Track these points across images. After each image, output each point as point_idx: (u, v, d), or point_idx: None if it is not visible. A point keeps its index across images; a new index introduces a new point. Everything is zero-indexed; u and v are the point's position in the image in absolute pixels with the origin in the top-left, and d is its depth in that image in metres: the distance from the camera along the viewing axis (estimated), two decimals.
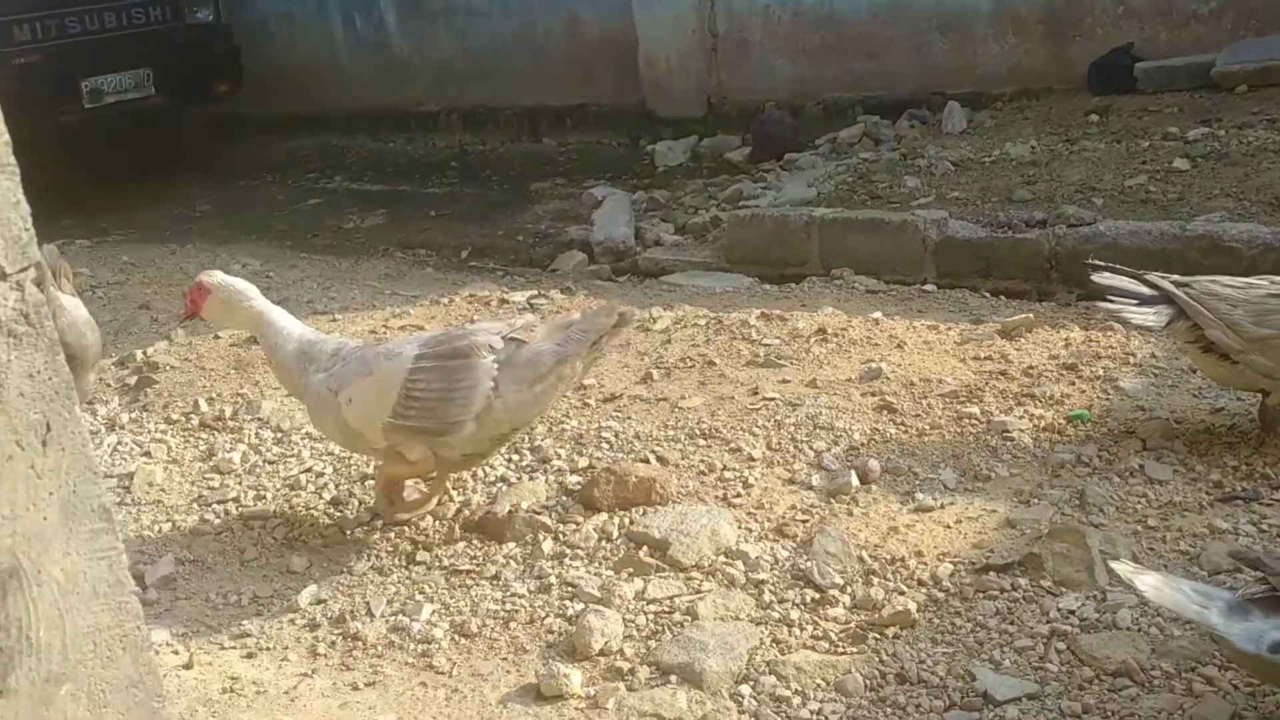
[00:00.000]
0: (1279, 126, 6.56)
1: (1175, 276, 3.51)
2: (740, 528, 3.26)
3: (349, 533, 3.47)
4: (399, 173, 10.17)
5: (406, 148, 11.03)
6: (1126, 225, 5.52)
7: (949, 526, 3.18)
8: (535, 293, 5.73)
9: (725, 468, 3.60)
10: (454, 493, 3.60)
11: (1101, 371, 4.02)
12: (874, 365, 4.20)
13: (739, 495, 3.44)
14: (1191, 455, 3.42)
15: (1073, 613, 2.76)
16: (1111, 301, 3.48)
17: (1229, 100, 7.16)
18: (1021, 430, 3.65)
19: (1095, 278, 3.56)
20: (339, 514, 3.60)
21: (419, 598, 3.11)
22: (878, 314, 4.84)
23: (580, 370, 3.29)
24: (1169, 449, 3.46)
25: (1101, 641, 2.64)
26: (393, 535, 3.43)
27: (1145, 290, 3.47)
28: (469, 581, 3.17)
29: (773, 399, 4.04)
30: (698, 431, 3.86)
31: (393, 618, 3.04)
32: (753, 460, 3.64)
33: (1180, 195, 5.85)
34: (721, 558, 3.12)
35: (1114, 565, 2.31)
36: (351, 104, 11.29)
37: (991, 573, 2.94)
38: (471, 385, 3.15)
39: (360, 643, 2.96)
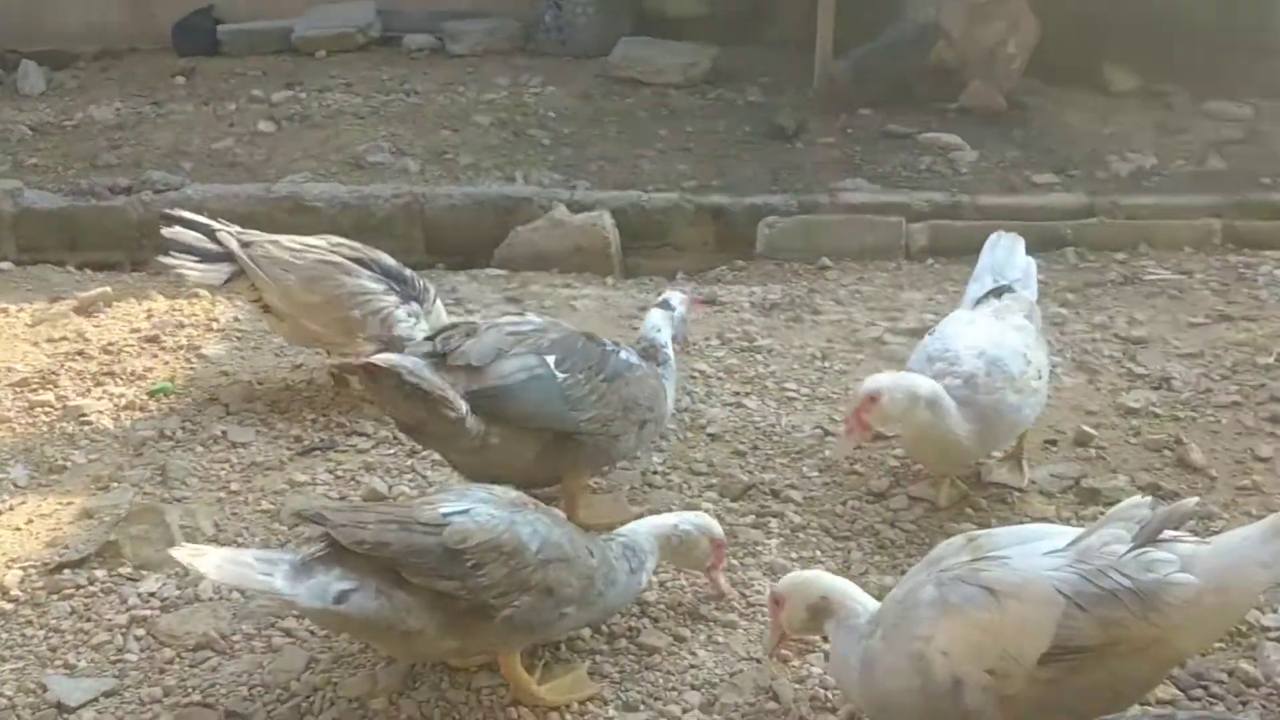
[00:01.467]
0: (355, 90, 7.03)
1: (249, 234, 3.53)
2: None
3: None
4: None
5: None
6: (215, 188, 5.54)
7: (19, 529, 2.91)
8: None
9: None
10: None
11: (185, 340, 3.96)
12: None
13: None
14: (273, 414, 3.50)
15: (154, 595, 2.67)
16: (175, 257, 3.42)
17: (310, 64, 7.50)
18: (101, 412, 3.46)
19: (165, 232, 3.47)
20: None
21: None
22: None
23: None
24: (251, 410, 3.51)
25: (182, 619, 2.58)
26: None
27: (212, 247, 3.46)
28: None
29: None
30: None
31: None
32: None
33: (267, 157, 6.00)
34: None
35: (173, 552, 2.18)
36: None
37: (66, 570, 2.74)
38: None
39: None
